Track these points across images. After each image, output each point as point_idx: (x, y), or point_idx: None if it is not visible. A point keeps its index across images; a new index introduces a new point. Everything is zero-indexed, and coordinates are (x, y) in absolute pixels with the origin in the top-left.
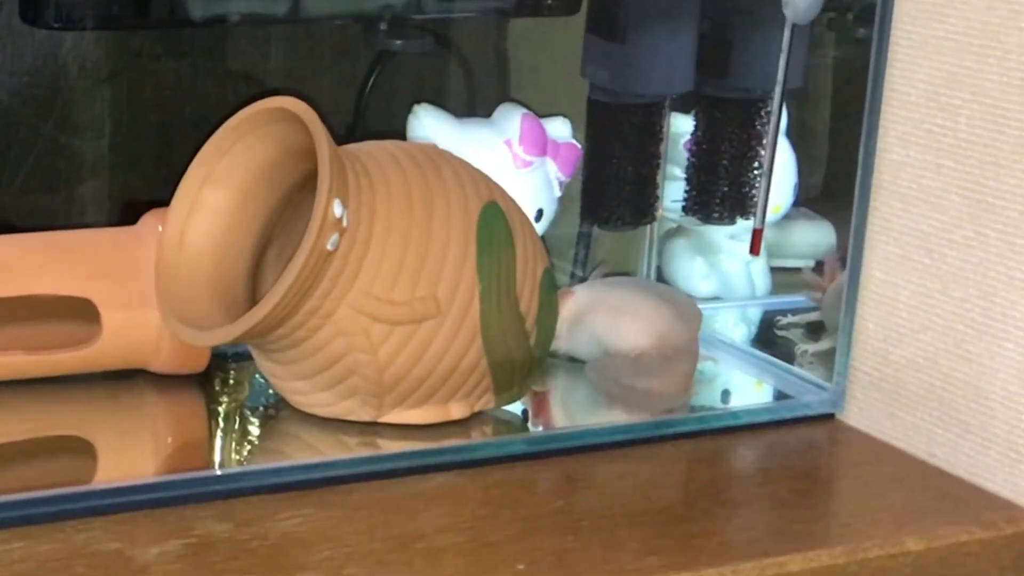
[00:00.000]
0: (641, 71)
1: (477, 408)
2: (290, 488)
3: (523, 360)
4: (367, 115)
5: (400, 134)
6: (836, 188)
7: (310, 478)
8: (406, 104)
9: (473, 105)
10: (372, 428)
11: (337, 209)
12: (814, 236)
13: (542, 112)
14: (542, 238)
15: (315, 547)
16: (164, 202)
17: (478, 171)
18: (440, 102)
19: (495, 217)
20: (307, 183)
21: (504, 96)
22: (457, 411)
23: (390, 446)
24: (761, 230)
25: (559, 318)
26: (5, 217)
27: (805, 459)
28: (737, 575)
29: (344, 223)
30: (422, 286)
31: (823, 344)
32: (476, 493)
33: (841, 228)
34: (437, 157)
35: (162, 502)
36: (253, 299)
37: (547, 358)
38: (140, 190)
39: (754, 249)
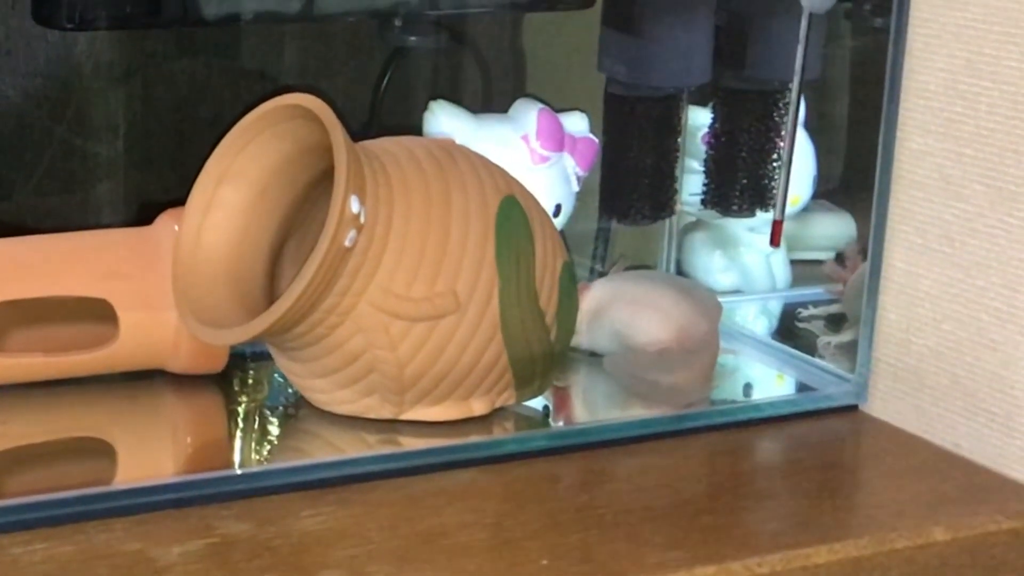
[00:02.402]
0: (658, 64)
1: (498, 404)
2: (311, 486)
3: (544, 355)
4: (383, 112)
5: (416, 131)
6: (855, 179)
7: (331, 476)
8: (422, 101)
9: (489, 101)
10: (393, 425)
11: (354, 205)
12: (834, 228)
13: (559, 107)
14: (561, 233)
15: (338, 545)
16: (180, 202)
17: (495, 165)
18: (456, 98)
19: (513, 211)
20: (323, 180)
21: (520, 91)
22: (478, 407)
23: (411, 443)
24: (781, 221)
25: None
26: (21, 219)
27: (829, 451)
28: (763, 567)
29: (362, 219)
30: (441, 282)
31: (845, 335)
32: (498, 489)
33: (861, 219)
34: (454, 152)
35: (183, 502)
36: (271, 297)
37: (568, 352)
38: (155, 190)
39: (774, 240)
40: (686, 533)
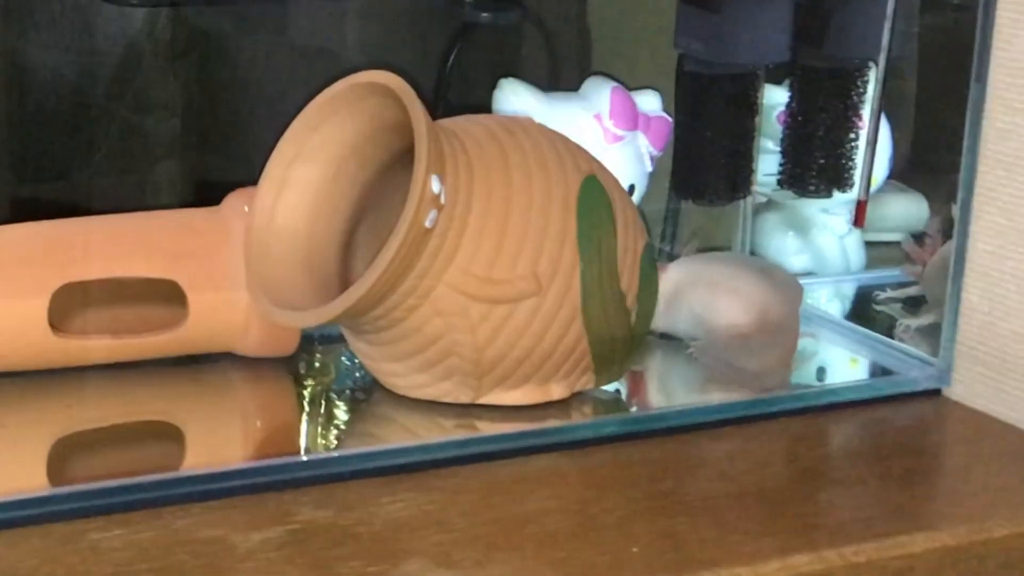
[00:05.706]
0: (736, 40)
1: (577, 388)
2: (389, 472)
3: (624, 338)
4: (450, 89)
5: (485, 108)
6: (928, 159)
7: (409, 462)
8: (490, 78)
9: (560, 79)
10: (469, 410)
11: (435, 185)
12: (906, 209)
13: (631, 85)
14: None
15: (422, 531)
16: (248, 182)
17: (576, 145)
18: (526, 76)
19: (595, 191)
20: (398, 160)
21: (591, 69)
22: (557, 391)
23: (489, 428)
24: (865, 201)
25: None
26: (88, 200)
27: (914, 436)
28: (859, 556)
29: (442, 200)
30: (522, 264)
31: (926, 318)
32: (580, 474)
33: (933, 200)
34: (534, 131)
35: (259, 488)
36: (344, 279)
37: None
38: (222, 170)
39: (859, 221)
40: (776, 520)
